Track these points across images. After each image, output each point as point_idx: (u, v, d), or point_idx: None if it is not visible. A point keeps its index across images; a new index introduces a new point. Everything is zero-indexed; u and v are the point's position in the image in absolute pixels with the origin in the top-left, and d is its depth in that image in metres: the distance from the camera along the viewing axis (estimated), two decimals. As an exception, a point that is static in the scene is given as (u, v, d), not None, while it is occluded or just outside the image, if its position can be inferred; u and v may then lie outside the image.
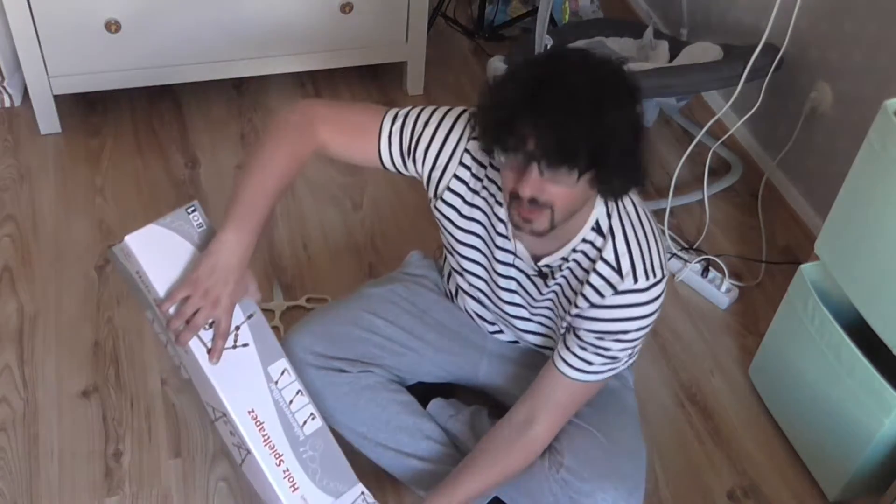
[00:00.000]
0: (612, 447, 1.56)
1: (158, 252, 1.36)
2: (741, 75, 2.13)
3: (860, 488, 1.77)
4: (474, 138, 1.47)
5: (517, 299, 1.60)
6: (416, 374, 1.76)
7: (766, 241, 2.34)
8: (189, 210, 1.40)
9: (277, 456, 1.38)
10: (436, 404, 1.75)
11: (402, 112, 1.54)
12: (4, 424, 1.83)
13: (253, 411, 1.38)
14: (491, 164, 1.48)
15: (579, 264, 1.47)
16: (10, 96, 2.51)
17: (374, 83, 2.73)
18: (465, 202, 1.53)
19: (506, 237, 1.52)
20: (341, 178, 2.42)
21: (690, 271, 2.22)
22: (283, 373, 1.42)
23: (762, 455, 1.90)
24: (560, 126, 1.25)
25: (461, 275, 1.65)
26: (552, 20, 2.73)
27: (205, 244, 1.37)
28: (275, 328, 2.02)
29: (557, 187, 1.30)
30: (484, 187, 1.51)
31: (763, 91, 2.20)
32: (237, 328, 1.40)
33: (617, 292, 1.43)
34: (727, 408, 1.98)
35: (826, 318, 1.70)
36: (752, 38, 2.26)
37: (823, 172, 2.29)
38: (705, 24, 2.67)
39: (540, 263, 1.50)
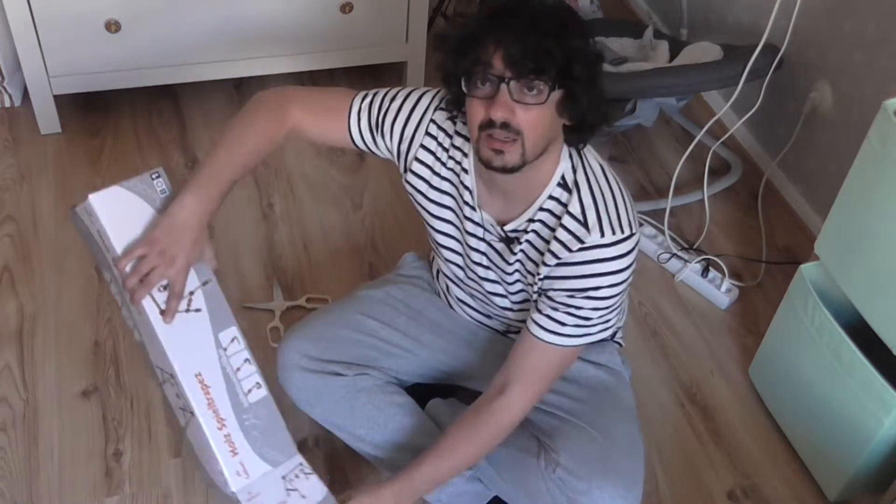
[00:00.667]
0: (607, 444, 1.56)
1: (120, 213, 1.39)
2: (741, 75, 2.13)
3: (860, 488, 1.77)
4: (441, 108, 1.51)
5: (491, 275, 1.60)
6: (413, 375, 1.76)
7: (766, 241, 2.34)
8: (153, 176, 1.43)
9: (220, 420, 1.41)
10: (434, 404, 1.75)
11: (372, 91, 1.58)
12: (4, 424, 1.83)
13: (200, 374, 1.41)
14: (457, 133, 1.50)
15: (545, 224, 1.46)
16: (10, 96, 2.51)
17: (374, 83, 2.72)
18: (434, 173, 1.55)
19: (473, 207, 1.53)
20: (341, 178, 2.42)
21: (690, 271, 2.22)
22: (232, 340, 1.45)
23: (762, 455, 1.90)
24: (526, 37, 1.28)
25: (439, 253, 1.66)
26: (552, 20, 2.73)
27: (166, 209, 1.40)
28: (274, 328, 2.03)
29: (526, 111, 1.32)
30: (450, 157, 1.52)
31: (763, 91, 2.20)
32: (191, 293, 1.43)
33: (584, 246, 1.43)
34: (727, 408, 1.98)
35: (826, 318, 1.70)
36: (752, 38, 2.26)
37: (823, 172, 2.29)
38: (705, 24, 2.67)
39: (506, 229, 1.50)
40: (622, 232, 1.43)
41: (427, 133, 1.53)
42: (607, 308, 1.47)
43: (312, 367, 1.64)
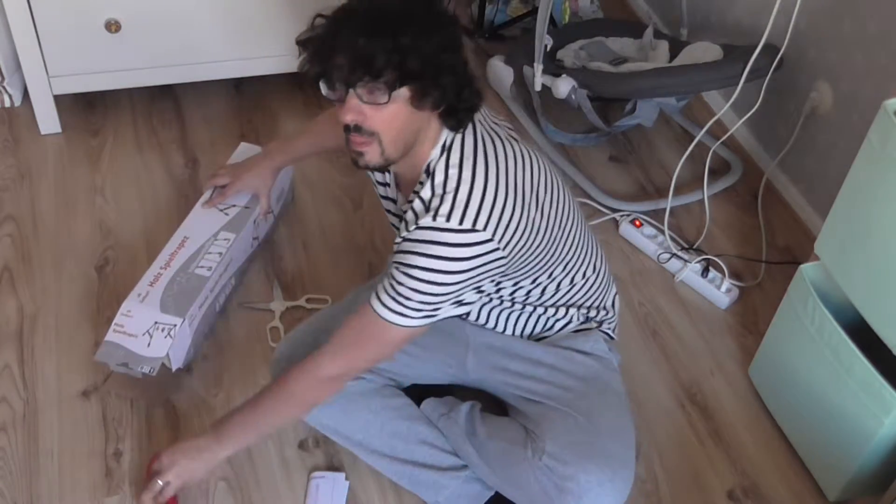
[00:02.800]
0: (593, 428, 1.57)
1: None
2: (741, 75, 2.13)
3: (860, 488, 1.77)
4: None
5: None
6: (409, 377, 1.77)
7: (766, 241, 2.34)
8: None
9: (168, 265, 1.90)
10: (428, 403, 1.76)
11: None
12: (4, 424, 1.83)
13: (186, 238, 1.96)
14: None
15: (412, 206, 1.47)
16: (10, 96, 2.51)
17: (374, 83, 2.73)
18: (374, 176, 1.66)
19: (386, 185, 1.60)
20: (341, 178, 2.42)
21: (690, 271, 2.22)
22: (226, 240, 1.97)
23: (762, 455, 1.90)
24: (356, 42, 1.31)
25: None
26: (552, 20, 2.73)
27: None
28: (274, 328, 2.03)
29: (377, 112, 1.35)
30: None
31: (763, 91, 2.20)
32: (233, 205, 2.04)
33: (419, 226, 1.43)
34: (727, 408, 1.98)
35: (826, 318, 1.70)
36: (752, 38, 2.26)
37: (823, 172, 2.29)
38: (705, 24, 2.67)
39: (403, 207, 1.52)
40: (460, 223, 1.40)
41: None
42: (430, 295, 1.43)
43: None
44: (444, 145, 1.46)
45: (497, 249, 1.44)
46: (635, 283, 2.22)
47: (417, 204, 1.45)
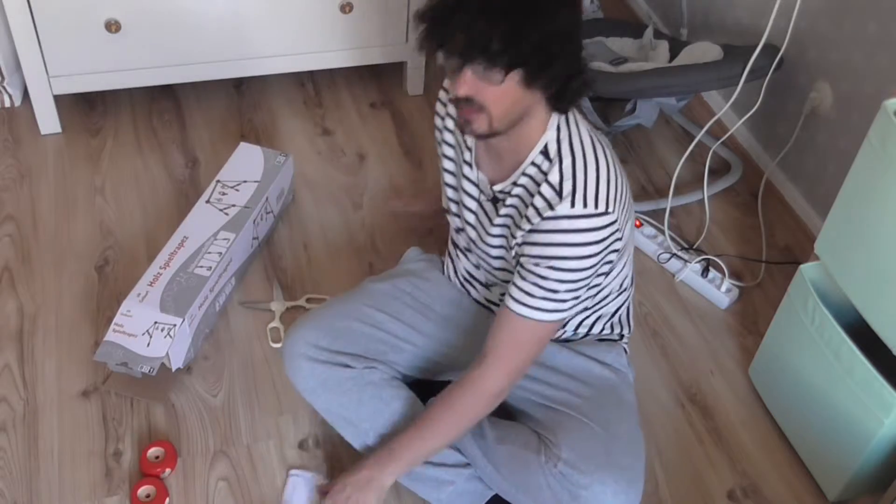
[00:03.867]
0: (609, 439, 1.56)
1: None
2: (741, 75, 2.13)
3: (860, 488, 1.77)
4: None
5: (474, 234, 1.65)
6: (418, 370, 1.77)
7: (766, 241, 2.34)
8: None
9: (167, 265, 1.92)
10: (434, 401, 1.75)
11: None
12: (4, 424, 1.83)
13: (186, 238, 1.98)
14: None
15: (527, 189, 1.48)
16: (10, 96, 2.51)
17: (374, 83, 2.73)
18: (441, 133, 1.65)
19: (470, 165, 1.58)
20: (341, 178, 2.42)
21: (690, 271, 2.22)
22: (225, 240, 1.98)
23: (762, 455, 1.90)
24: (473, 24, 1.32)
25: (448, 213, 1.71)
26: (552, 20, 2.72)
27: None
28: (275, 328, 2.03)
29: (489, 87, 1.36)
30: (451, 116, 1.61)
31: (763, 91, 2.20)
32: (233, 205, 2.06)
33: (554, 214, 1.44)
34: (727, 408, 1.98)
35: (826, 318, 1.70)
36: (752, 38, 2.26)
37: (823, 172, 2.29)
38: (705, 24, 2.67)
39: (495, 189, 1.54)
40: (595, 207, 1.44)
41: (439, 100, 1.66)
42: (574, 282, 1.47)
43: (320, 357, 1.65)
44: (558, 127, 1.48)
45: (619, 230, 1.48)
46: (636, 283, 2.22)
47: (546, 189, 1.46)
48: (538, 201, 1.47)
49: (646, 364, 2.04)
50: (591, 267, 1.47)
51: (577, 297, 1.51)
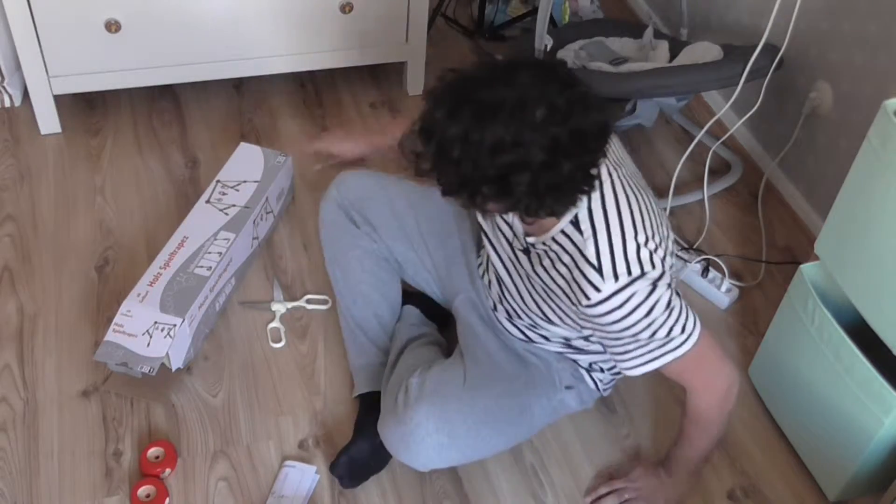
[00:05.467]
0: (470, 397, 1.64)
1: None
2: (741, 75, 2.13)
3: (860, 488, 1.77)
4: None
5: (503, 273, 1.69)
6: (408, 274, 1.92)
7: (766, 241, 2.34)
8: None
9: (167, 265, 1.93)
10: (407, 309, 1.94)
11: None
12: (4, 424, 1.83)
13: (186, 238, 1.99)
14: None
15: (564, 249, 1.48)
16: (10, 96, 2.51)
17: (374, 83, 2.73)
18: None
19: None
20: (341, 178, 2.42)
21: (690, 271, 2.22)
22: (225, 240, 1.99)
23: (762, 455, 1.90)
24: (437, 170, 1.33)
25: (484, 244, 1.74)
26: (552, 20, 2.73)
27: None
28: (275, 328, 2.03)
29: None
30: None
31: (763, 91, 2.20)
32: (233, 205, 2.07)
33: (604, 297, 1.44)
34: (727, 408, 1.98)
35: (826, 318, 1.70)
36: (752, 38, 2.26)
37: (823, 172, 2.29)
38: (705, 24, 2.67)
39: (528, 240, 1.55)
40: (641, 271, 1.43)
41: None
42: (664, 319, 1.47)
43: (343, 204, 1.87)
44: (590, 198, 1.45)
45: (665, 272, 1.47)
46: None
47: (586, 266, 1.44)
48: (581, 280, 1.45)
49: (646, 364, 2.04)
50: (667, 302, 1.46)
51: (681, 307, 1.49)
